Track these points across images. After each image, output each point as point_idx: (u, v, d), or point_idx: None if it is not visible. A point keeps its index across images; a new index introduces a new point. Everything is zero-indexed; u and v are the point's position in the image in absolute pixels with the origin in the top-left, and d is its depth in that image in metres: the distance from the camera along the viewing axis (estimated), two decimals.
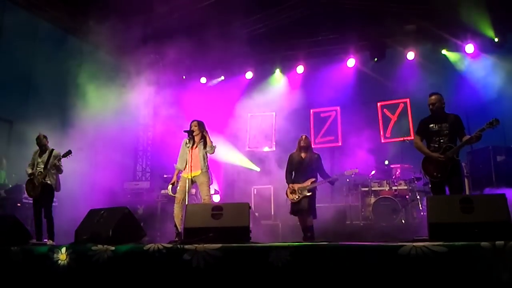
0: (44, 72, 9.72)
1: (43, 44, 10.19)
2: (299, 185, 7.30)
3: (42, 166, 7.70)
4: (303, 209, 7.18)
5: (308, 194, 7.19)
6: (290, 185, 7.41)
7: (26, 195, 8.23)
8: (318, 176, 7.43)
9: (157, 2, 9.80)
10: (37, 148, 7.93)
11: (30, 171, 7.81)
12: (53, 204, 7.91)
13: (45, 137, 7.93)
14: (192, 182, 7.17)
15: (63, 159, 7.74)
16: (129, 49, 10.48)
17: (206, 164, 7.25)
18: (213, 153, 7.32)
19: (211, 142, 7.26)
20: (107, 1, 9.33)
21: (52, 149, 7.85)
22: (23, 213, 8.37)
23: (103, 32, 9.84)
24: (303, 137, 7.60)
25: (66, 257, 4.48)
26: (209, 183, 7.28)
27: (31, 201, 8.14)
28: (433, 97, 6.28)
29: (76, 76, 10.41)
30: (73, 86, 10.36)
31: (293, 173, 7.51)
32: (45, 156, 7.78)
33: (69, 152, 7.71)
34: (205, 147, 7.26)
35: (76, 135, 9.45)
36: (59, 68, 10.10)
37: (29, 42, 10.24)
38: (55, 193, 7.89)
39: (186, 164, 7.14)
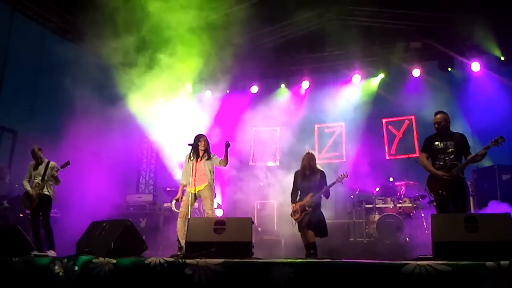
0: (50, 83, 9.77)
1: (49, 55, 10.28)
2: (300, 203, 7.25)
3: (40, 178, 7.74)
4: (304, 226, 7.13)
5: (309, 209, 7.13)
6: (293, 205, 7.38)
7: None
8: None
9: (161, 14, 9.86)
10: (33, 161, 7.98)
11: (27, 185, 7.85)
12: (55, 215, 7.92)
13: (39, 149, 7.98)
14: (196, 196, 7.14)
15: (64, 170, 7.78)
16: (134, 61, 10.52)
17: (213, 177, 7.24)
18: (225, 166, 7.36)
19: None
20: (112, 14, 9.41)
21: (49, 161, 7.90)
22: (26, 224, 8.34)
23: (107, 44, 9.90)
24: (307, 154, 7.56)
25: (67, 269, 4.45)
26: (213, 197, 7.26)
27: None
28: (438, 115, 6.28)
29: (81, 88, 10.46)
30: (78, 98, 10.39)
31: (299, 191, 7.47)
32: (42, 168, 7.85)
33: (67, 163, 7.76)
34: (209, 159, 7.26)
35: (80, 147, 9.46)
36: (65, 79, 10.15)
37: (36, 53, 10.32)
38: (54, 204, 7.92)
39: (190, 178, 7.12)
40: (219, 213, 11.02)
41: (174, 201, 7.33)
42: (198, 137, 7.36)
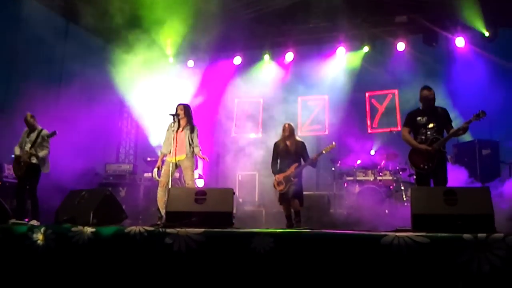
0: (28, 54, 9.49)
1: (28, 25, 9.93)
2: (284, 174, 7.27)
3: (29, 146, 7.61)
4: (289, 196, 7.16)
5: (294, 179, 7.16)
6: (276, 176, 7.39)
7: (6, 173, 8.15)
8: (302, 161, 7.40)
9: None
10: (27, 128, 7.84)
11: (17, 151, 7.73)
12: None
13: (32, 116, 7.83)
14: (177, 166, 7.10)
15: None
16: (115, 31, 10.29)
17: (192, 149, 7.18)
18: (197, 153, 7.23)
19: (198, 143, 7.22)
20: None
21: (42, 129, 7.76)
22: (3, 192, 8.24)
23: (90, 13, 9.64)
24: (286, 125, 7.54)
25: (45, 238, 4.41)
26: (194, 167, 7.23)
27: (11, 180, 8.06)
28: (431, 91, 6.25)
29: (61, 58, 10.22)
30: (57, 68, 10.15)
31: (279, 162, 7.47)
32: (33, 135, 7.69)
33: (54, 133, 7.64)
34: (191, 132, 7.20)
35: (59, 116, 9.28)
36: (44, 50, 9.87)
37: (14, 24, 9.97)
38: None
39: (171, 148, 7.06)
40: (200, 183, 11.00)
41: (155, 170, 7.27)
42: (176, 106, 7.31)
